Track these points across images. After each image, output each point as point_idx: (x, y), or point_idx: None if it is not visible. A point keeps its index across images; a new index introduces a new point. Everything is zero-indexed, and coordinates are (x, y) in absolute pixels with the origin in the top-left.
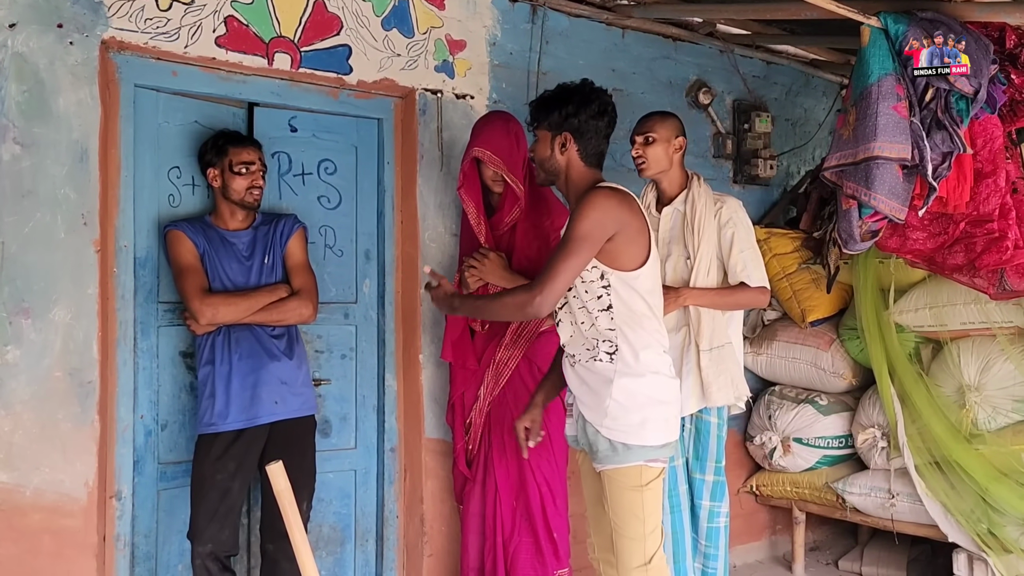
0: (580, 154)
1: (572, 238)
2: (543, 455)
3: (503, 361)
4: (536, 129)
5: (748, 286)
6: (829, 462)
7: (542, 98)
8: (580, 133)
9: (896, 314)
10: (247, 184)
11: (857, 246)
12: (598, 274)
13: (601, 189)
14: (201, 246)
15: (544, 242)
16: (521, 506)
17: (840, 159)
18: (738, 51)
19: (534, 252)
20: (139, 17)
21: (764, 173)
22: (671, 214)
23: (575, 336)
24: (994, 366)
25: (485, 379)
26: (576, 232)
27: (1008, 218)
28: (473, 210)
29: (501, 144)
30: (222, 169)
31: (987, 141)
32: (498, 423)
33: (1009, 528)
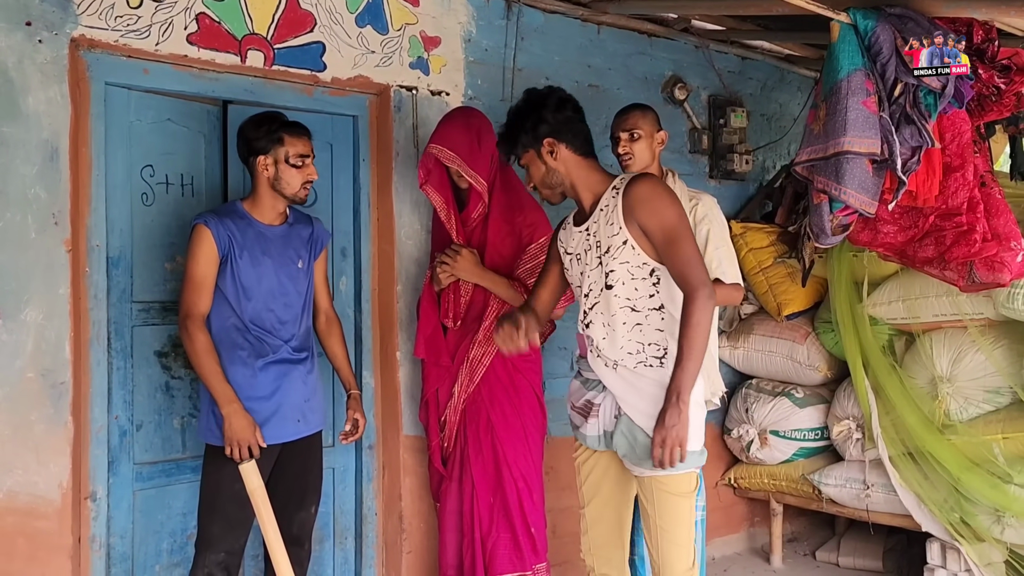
0: (572, 149)
1: (677, 225)
2: (519, 450)
3: (477, 358)
4: (520, 159)
5: (723, 283)
6: (805, 454)
7: (502, 133)
8: (558, 131)
9: (870, 307)
10: (303, 178)
11: (829, 240)
12: (648, 270)
13: (651, 176)
14: (225, 245)
15: (516, 238)
16: (498, 502)
17: (811, 154)
18: (713, 47)
19: (507, 248)
20: (109, 15)
21: (740, 168)
22: None
23: (610, 338)
24: (965, 357)
25: (459, 376)
26: (676, 219)
27: (976, 211)
28: (442, 205)
29: (459, 140)
30: (276, 159)
31: (955, 135)
32: (473, 420)
33: (981, 517)
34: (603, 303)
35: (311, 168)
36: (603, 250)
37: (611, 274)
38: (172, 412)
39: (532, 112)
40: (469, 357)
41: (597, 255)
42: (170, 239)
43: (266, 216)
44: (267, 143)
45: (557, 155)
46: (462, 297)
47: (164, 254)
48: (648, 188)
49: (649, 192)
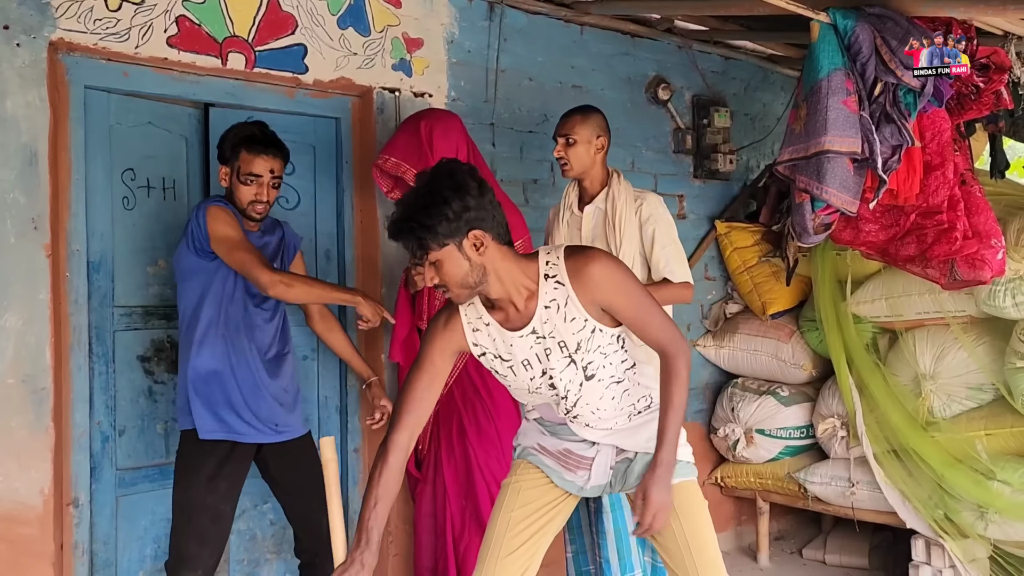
0: (497, 240)
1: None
2: (492, 454)
3: None
4: (432, 252)
5: (671, 282)
6: (791, 452)
7: (412, 222)
8: (483, 221)
9: (853, 305)
10: (250, 197)
11: (811, 239)
12: (618, 343)
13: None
14: None
15: None
16: (470, 505)
17: (792, 153)
18: (697, 47)
19: None
20: (88, 18)
21: (724, 168)
22: (593, 212)
23: (601, 415)
24: (948, 355)
25: None
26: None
27: (956, 209)
28: None
29: (405, 146)
30: (231, 171)
31: (935, 134)
32: (446, 422)
33: (965, 513)
34: (587, 394)
35: (264, 189)
36: (572, 349)
37: (590, 365)
38: (155, 417)
39: (454, 196)
40: None
41: (565, 355)
42: (152, 243)
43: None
44: (228, 154)
45: (485, 250)
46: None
47: (146, 258)
48: (598, 268)
49: (602, 272)
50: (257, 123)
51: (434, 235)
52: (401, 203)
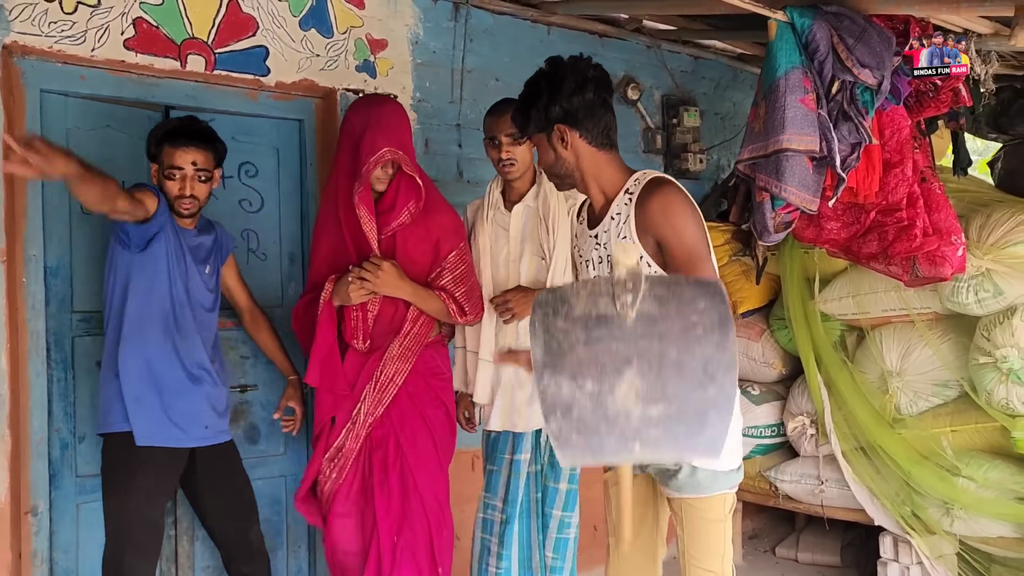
0: (587, 140)
1: (698, 245)
2: (433, 477)
3: (389, 377)
4: (530, 139)
5: None
6: (762, 451)
7: (517, 103)
8: (573, 118)
9: (821, 303)
10: (175, 192)
11: (772, 237)
12: None
13: (669, 184)
14: (159, 223)
15: (432, 245)
16: (405, 540)
17: (752, 152)
18: (665, 47)
19: (421, 256)
20: (43, 21)
21: (694, 167)
22: (522, 212)
23: None
24: (914, 352)
25: (364, 397)
26: (698, 237)
27: (916, 207)
28: (367, 217)
29: (403, 136)
30: (159, 167)
31: (894, 132)
32: (380, 446)
33: (931, 510)
34: None
35: (187, 183)
36: None
37: None
38: None
39: (548, 90)
40: (378, 377)
41: (609, 271)
42: None
43: (177, 219)
44: (154, 150)
45: (569, 144)
46: (370, 313)
47: None
48: (668, 199)
49: (669, 204)
50: (185, 118)
51: (524, 126)
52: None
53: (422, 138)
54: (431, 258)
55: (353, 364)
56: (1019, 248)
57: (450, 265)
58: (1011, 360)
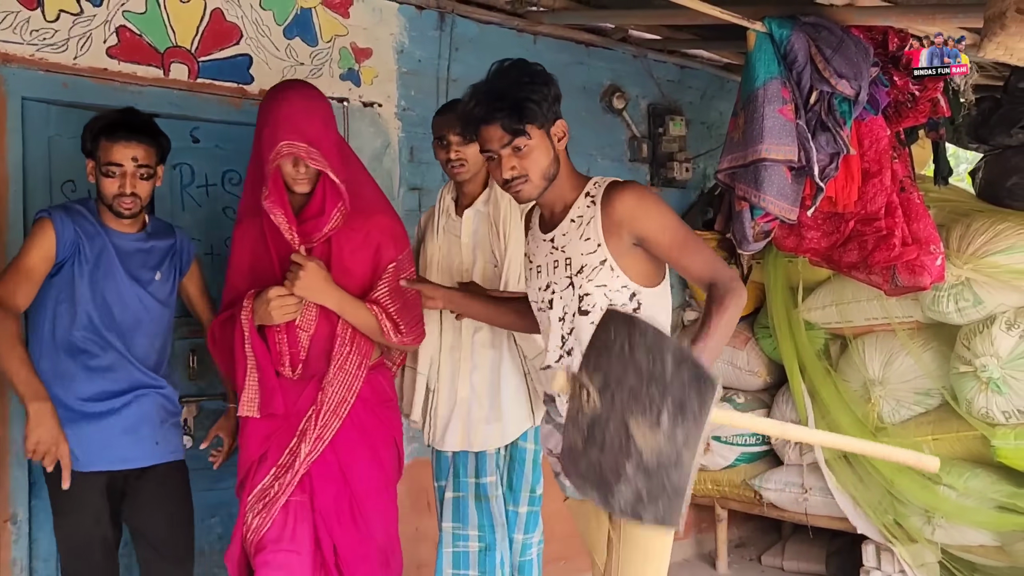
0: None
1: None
2: (386, 517)
3: (331, 409)
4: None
5: None
6: (747, 459)
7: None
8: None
9: (805, 311)
10: (113, 191)
11: (751, 246)
12: (628, 294)
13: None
14: (67, 248)
15: (372, 252)
16: None
17: (731, 161)
18: (652, 56)
19: (359, 266)
20: (24, 29)
21: (680, 176)
22: (473, 217)
23: None
24: (896, 360)
25: (303, 433)
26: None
27: (895, 216)
28: (283, 219)
29: (312, 126)
30: (96, 163)
31: (873, 142)
32: (322, 490)
33: (913, 518)
34: (579, 330)
35: (127, 180)
36: (575, 269)
37: (586, 298)
38: None
39: (544, 81)
40: (320, 409)
41: (567, 274)
42: None
43: (113, 223)
44: (90, 145)
45: (563, 143)
46: (303, 333)
47: None
48: (638, 193)
49: (641, 198)
50: (124, 109)
51: (537, 112)
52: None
53: (407, 146)
54: (370, 268)
55: (284, 394)
56: (998, 258)
57: (388, 276)
58: (990, 369)
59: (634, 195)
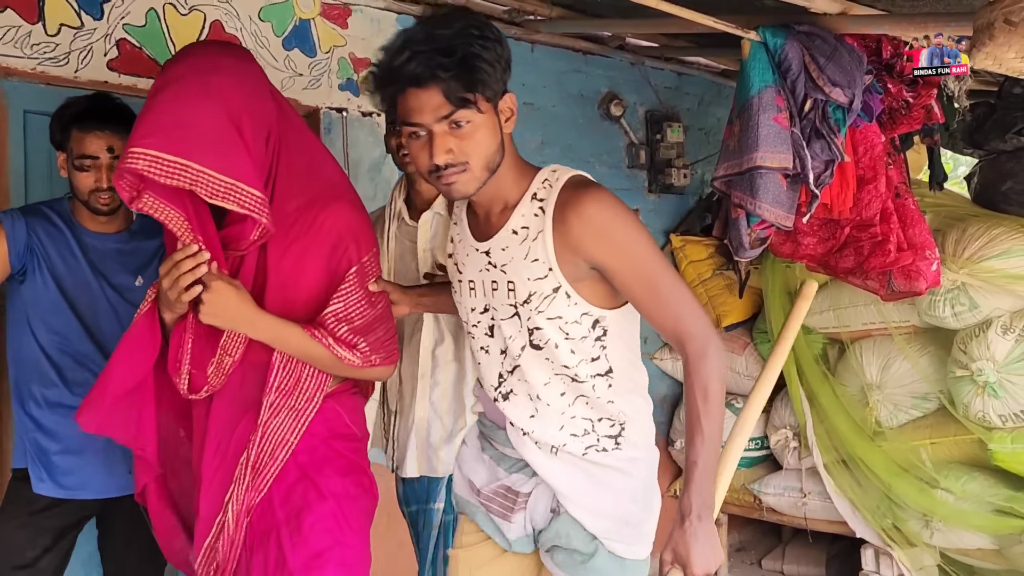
0: None
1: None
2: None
3: (266, 451)
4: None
5: None
6: (747, 464)
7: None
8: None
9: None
10: (88, 186)
11: (747, 253)
12: (591, 322)
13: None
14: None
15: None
16: None
17: (727, 169)
18: (649, 63)
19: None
20: (26, 43)
21: (679, 182)
22: (431, 221)
23: (542, 417)
24: (893, 365)
25: (236, 479)
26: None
27: (890, 222)
28: (183, 225)
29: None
30: (68, 156)
31: (868, 148)
32: (260, 547)
33: (912, 522)
34: (527, 368)
35: (104, 173)
36: (520, 298)
37: (536, 332)
38: None
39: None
40: (252, 450)
41: (510, 302)
42: None
43: (89, 222)
44: (59, 136)
45: (511, 122)
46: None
47: None
48: (600, 209)
49: (602, 219)
50: (96, 94)
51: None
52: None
53: None
54: (324, 276)
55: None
56: (994, 262)
57: (348, 286)
58: (987, 373)
59: (596, 210)
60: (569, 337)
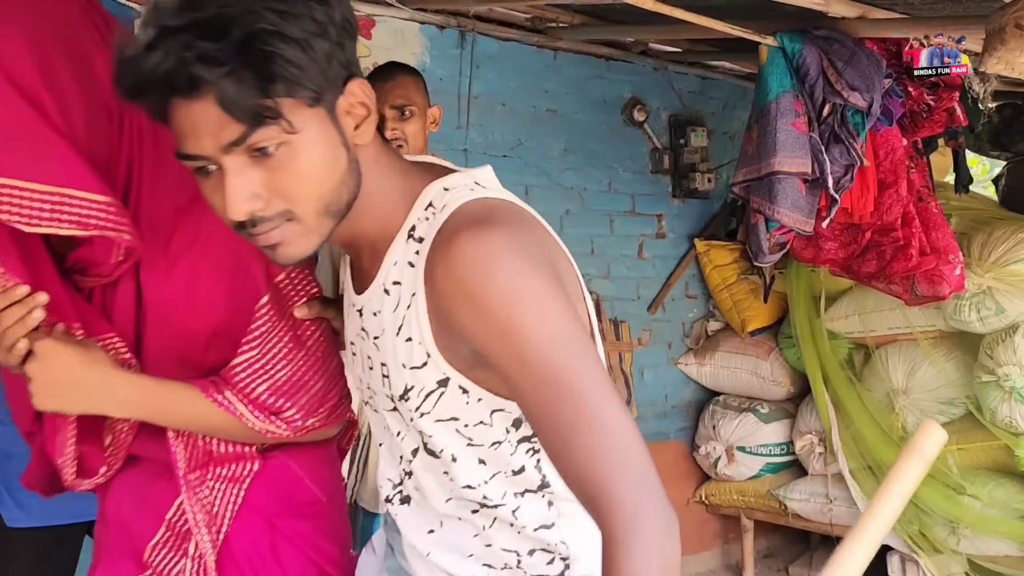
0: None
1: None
2: None
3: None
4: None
5: None
6: (772, 469)
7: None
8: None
9: (828, 321)
10: None
11: (766, 258)
12: (506, 423)
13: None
14: None
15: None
16: None
17: (746, 174)
18: (673, 68)
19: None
20: None
21: (703, 186)
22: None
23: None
24: (920, 370)
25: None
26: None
27: (911, 226)
28: None
29: None
30: None
31: (888, 152)
32: None
33: (938, 529)
34: (422, 479)
35: None
36: (396, 390)
37: (430, 440)
38: None
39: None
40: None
41: (387, 392)
42: None
43: None
44: None
45: (367, 125)
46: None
47: None
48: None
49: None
50: None
51: (307, 68)
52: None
53: None
54: (226, 313)
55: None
56: (1020, 266)
57: (261, 325)
58: (1013, 378)
59: (470, 264)
60: (474, 444)
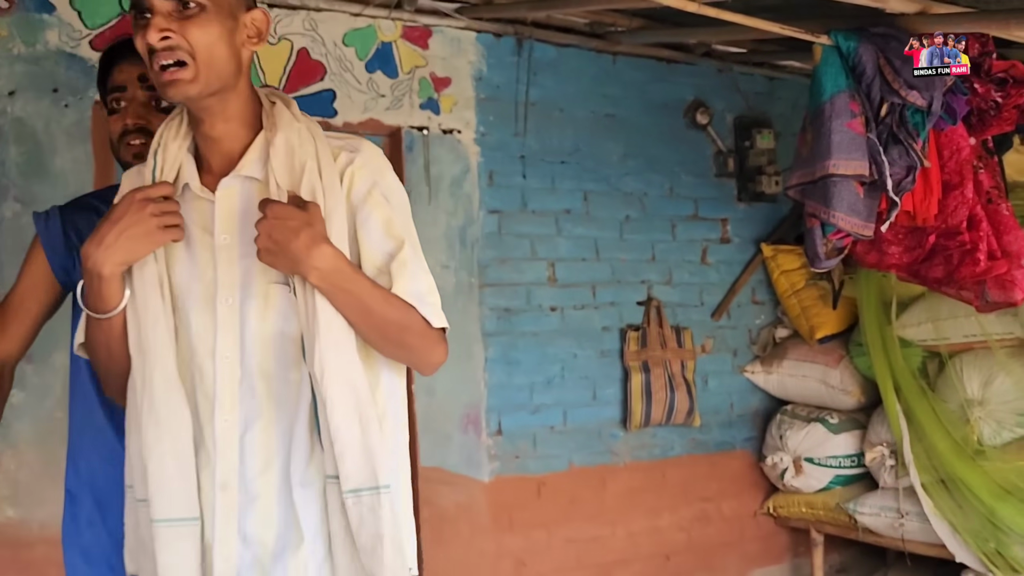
0: None
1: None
2: None
3: None
4: None
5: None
6: (842, 482)
7: None
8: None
9: (900, 328)
10: (118, 129)
11: (823, 264)
12: None
13: None
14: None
15: None
16: None
17: (800, 178)
18: (738, 68)
19: None
20: None
21: (770, 189)
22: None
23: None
24: (996, 379)
25: None
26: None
27: (979, 229)
28: None
29: None
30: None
31: (953, 152)
32: None
33: (1016, 548)
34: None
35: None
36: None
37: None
38: None
39: None
40: None
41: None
42: None
43: None
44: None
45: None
46: None
47: None
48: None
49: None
50: None
51: None
52: None
53: (486, 171)
54: None
55: None
56: None
57: None
58: None
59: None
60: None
